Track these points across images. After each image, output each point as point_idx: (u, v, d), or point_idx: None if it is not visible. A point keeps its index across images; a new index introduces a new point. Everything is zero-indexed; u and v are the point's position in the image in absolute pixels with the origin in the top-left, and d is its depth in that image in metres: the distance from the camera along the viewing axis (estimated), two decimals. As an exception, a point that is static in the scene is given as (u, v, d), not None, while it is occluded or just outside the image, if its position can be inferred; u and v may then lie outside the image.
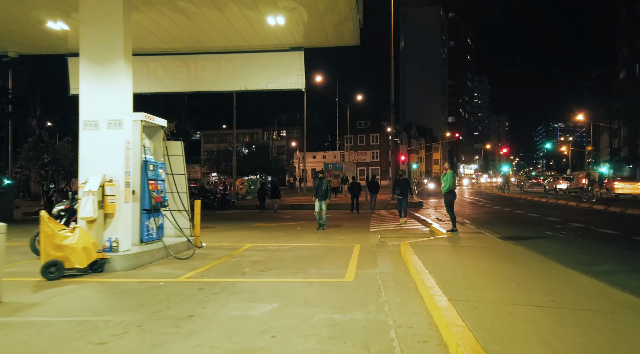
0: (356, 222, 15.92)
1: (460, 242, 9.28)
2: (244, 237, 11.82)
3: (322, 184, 13.14)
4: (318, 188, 13.16)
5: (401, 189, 14.41)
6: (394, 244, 9.97)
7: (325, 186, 13.14)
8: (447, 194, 11.78)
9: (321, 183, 13.18)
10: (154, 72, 11.61)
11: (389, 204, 23.94)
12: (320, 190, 13.10)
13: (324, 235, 12.09)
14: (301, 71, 11.43)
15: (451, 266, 6.75)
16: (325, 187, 13.12)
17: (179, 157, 9.69)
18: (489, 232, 11.36)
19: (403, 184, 14.58)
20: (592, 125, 69.06)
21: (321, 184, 13.17)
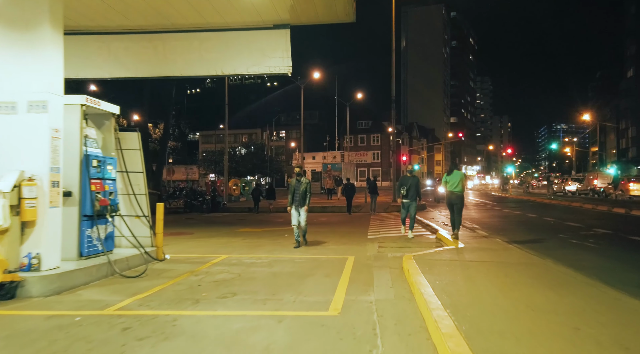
0: (353, 227, 14.26)
1: (476, 256, 7.60)
2: (222, 246, 10.16)
3: (300, 186, 9.62)
4: (294, 192, 9.62)
5: (408, 189, 10.98)
6: (395, 256, 8.31)
7: (305, 187, 9.60)
8: (461, 195, 10.22)
9: (298, 184, 9.65)
10: (116, 54, 9.97)
11: (390, 206, 22.28)
12: (297, 193, 9.59)
13: (312, 244, 10.42)
14: (287, 53, 9.79)
15: (472, 294, 5.08)
16: (304, 189, 9.60)
17: (136, 151, 8.05)
18: (505, 240, 9.68)
19: (411, 183, 11.01)
20: (599, 125, 67.40)
21: (298, 186, 9.65)
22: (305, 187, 9.57)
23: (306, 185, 9.60)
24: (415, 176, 11.30)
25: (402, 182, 11.15)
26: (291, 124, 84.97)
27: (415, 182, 11.05)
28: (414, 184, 11.07)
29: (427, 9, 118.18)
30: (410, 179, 11.13)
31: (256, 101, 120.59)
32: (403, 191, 10.99)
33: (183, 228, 14.89)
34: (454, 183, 10.08)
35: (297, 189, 9.62)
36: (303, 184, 9.60)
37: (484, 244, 8.95)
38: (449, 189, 9.98)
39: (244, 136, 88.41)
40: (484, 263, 6.88)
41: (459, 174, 10.58)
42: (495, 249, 8.33)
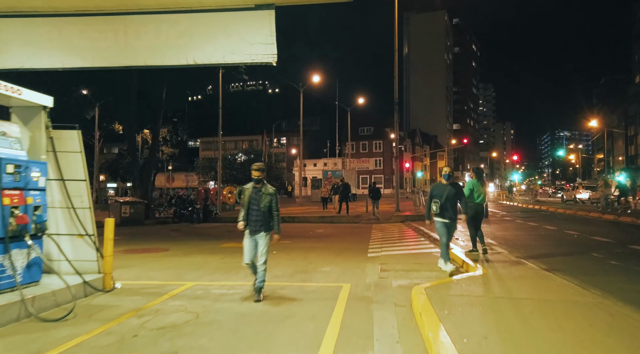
0: (352, 241, 12.60)
1: (508, 289, 5.94)
2: (193, 269, 8.51)
3: (260, 198, 5.97)
4: (249, 206, 6.00)
5: (444, 204, 7.29)
6: (401, 286, 6.66)
7: (268, 201, 5.97)
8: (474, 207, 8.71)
9: (257, 195, 6.01)
10: (69, 39, 8.38)
11: (393, 216, 20.66)
12: (256, 211, 5.96)
13: (302, 265, 8.77)
14: (271, 38, 8.19)
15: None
16: (267, 204, 5.95)
17: (76, 154, 6.44)
18: (535, 263, 8.01)
19: (448, 194, 7.34)
20: (606, 131, 65.72)
21: (257, 197, 5.99)
22: (269, 201, 5.94)
23: (270, 198, 5.96)
24: (456, 183, 7.67)
25: (434, 193, 7.51)
26: (292, 131, 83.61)
27: (453, 193, 7.40)
28: (451, 195, 7.33)
29: (429, 16, 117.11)
30: (447, 188, 7.40)
31: (257, 107, 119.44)
32: (436, 207, 7.30)
33: (160, 243, 13.26)
34: (481, 193, 8.59)
35: (254, 203, 5.94)
36: (265, 195, 5.93)
37: (511, 269, 7.27)
38: (476, 201, 8.53)
39: (244, 142, 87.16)
40: (521, 302, 5.19)
41: (472, 181, 9.05)
42: (527, 277, 6.65)
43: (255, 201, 5.99)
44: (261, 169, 6.06)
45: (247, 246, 6.07)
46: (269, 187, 6.11)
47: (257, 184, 6.07)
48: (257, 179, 6.04)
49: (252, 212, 5.98)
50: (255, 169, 6.06)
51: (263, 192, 6.03)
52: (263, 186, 6.07)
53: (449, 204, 7.38)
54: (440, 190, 7.52)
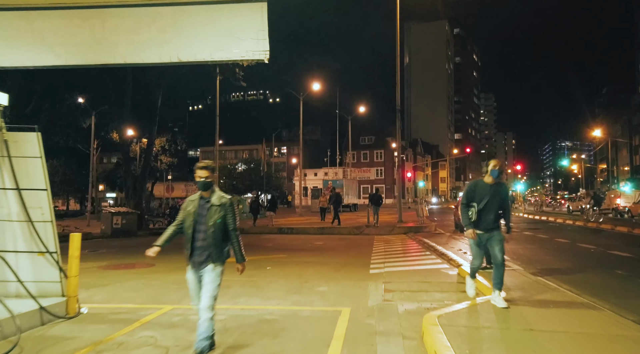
0: (353, 256, 11.74)
1: (535, 316, 5.07)
2: (175, 289, 7.66)
3: (207, 213, 4.13)
4: (195, 225, 4.16)
5: (484, 208, 5.57)
6: (409, 311, 5.80)
7: (220, 216, 4.12)
8: None
9: (203, 209, 4.17)
10: (42, 35, 7.62)
11: (396, 227, 19.79)
12: (199, 233, 4.16)
13: (297, 283, 7.92)
14: (263, 33, 7.40)
15: None
16: (217, 221, 4.10)
17: (35, 159, 5.64)
18: (556, 282, 7.14)
19: (492, 197, 5.57)
20: (610, 141, 64.98)
21: (202, 212, 4.16)
22: (221, 216, 4.11)
23: (224, 212, 4.12)
24: (502, 184, 5.84)
25: (471, 195, 5.66)
26: (293, 140, 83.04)
27: (499, 197, 5.59)
28: (496, 199, 5.54)
29: (430, 26, 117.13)
30: (491, 189, 5.56)
31: (258, 116, 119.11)
32: (472, 213, 5.55)
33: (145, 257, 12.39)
34: None
35: (200, 221, 4.14)
36: (215, 208, 4.11)
37: (532, 291, 6.40)
38: None
39: (244, 152, 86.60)
40: (556, 337, 4.31)
41: None
42: (553, 301, 5.79)
43: (202, 217, 4.08)
44: (209, 168, 4.17)
45: (191, 283, 4.32)
46: (221, 195, 4.17)
47: (204, 191, 4.14)
48: (204, 183, 4.09)
49: (198, 236, 4.10)
50: (201, 168, 4.12)
51: (212, 203, 4.10)
52: (212, 194, 4.16)
53: (490, 211, 5.50)
54: (481, 191, 5.57)
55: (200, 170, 4.17)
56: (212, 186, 4.20)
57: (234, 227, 4.21)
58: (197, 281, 4.28)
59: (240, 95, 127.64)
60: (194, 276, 4.30)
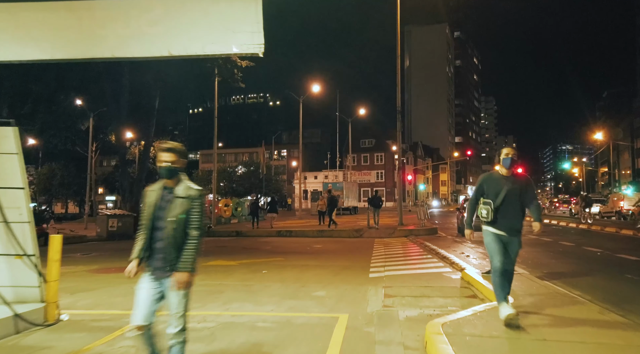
0: (352, 259, 11.38)
1: (547, 324, 4.72)
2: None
3: (170, 208, 3.21)
4: (151, 225, 3.24)
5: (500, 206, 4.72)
6: (411, 318, 5.45)
7: (183, 211, 3.17)
8: None
9: (165, 202, 3.24)
10: (27, 28, 7.30)
11: (396, 230, 19.44)
12: (158, 232, 3.22)
13: (294, 288, 7.56)
14: (258, 26, 7.06)
15: None
16: (180, 217, 3.17)
17: (11, 156, 5.30)
18: (565, 287, 6.77)
19: (509, 193, 4.70)
20: (612, 144, 64.68)
21: (165, 206, 3.23)
22: (185, 210, 3.18)
23: (189, 205, 3.20)
24: (524, 176, 4.97)
25: (484, 188, 4.85)
26: (293, 143, 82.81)
27: (518, 190, 4.72)
28: (515, 193, 4.68)
29: (430, 29, 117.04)
30: (507, 181, 4.72)
31: (258, 119, 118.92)
32: (487, 211, 4.69)
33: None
34: None
35: (159, 215, 3.22)
36: (180, 201, 3.21)
37: (541, 296, 6.04)
38: None
39: (244, 154, 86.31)
40: (573, 347, 3.96)
41: None
42: (564, 307, 5.43)
43: (162, 211, 3.18)
44: (176, 151, 3.24)
45: (142, 293, 3.22)
46: (189, 186, 3.25)
47: (168, 179, 3.25)
48: (168, 169, 3.20)
49: (156, 234, 3.19)
50: (165, 150, 3.22)
51: (176, 195, 3.19)
52: (178, 184, 3.25)
53: (510, 208, 4.64)
54: (495, 184, 4.74)
55: (164, 153, 3.22)
56: (178, 174, 3.27)
57: (197, 226, 3.18)
58: (153, 294, 3.20)
59: (240, 98, 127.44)
60: (150, 285, 3.21)
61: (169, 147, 3.26)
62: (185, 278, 3.13)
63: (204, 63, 23.70)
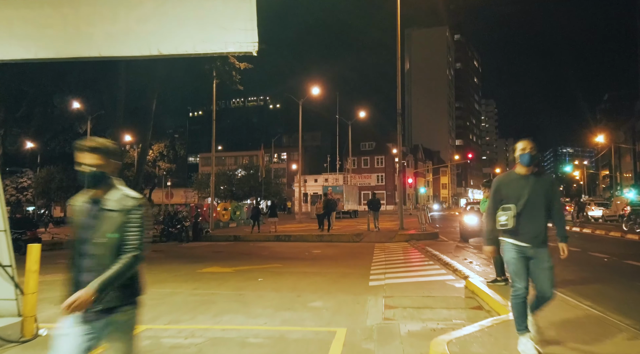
0: (351, 266, 11.01)
1: (561, 340, 4.37)
2: (154, 304, 6.94)
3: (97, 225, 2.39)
4: (75, 246, 2.44)
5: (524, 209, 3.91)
6: (414, 333, 5.09)
7: (115, 229, 2.38)
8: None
9: (91, 219, 2.42)
10: (9, 26, 6.99)
11: (397, 235, 19.06)
12: (85, 256, 2.40)
13: (290, 298, 7.20)
14: (251, 23, 6.76)
15: None
16: (112, 236, 2.38)
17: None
18: (573, 297, 6.41)
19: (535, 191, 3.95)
20: (613, 147, 64.35)
21: (91, 224, 2.41)
22: (118, 227, 2.39)
23: (124, 220, 2.39)
24: (547, 175, 4.29)
25: (502, 192, 4.06)
26: (293, 146, 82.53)
27: (543, 192, 3.96)
28: (539, 196, 3.92)
29: (430, 32, 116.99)
30: (528, 182, 3.96)
31: (258, 122, 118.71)
32: (507, 218, 3.91)
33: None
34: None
35: (85, 234, 2.42)
36: (112, 216, 2.40)
37: (552, 308, 5.66)
38: None
39: (244, 158, 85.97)
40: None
41: None
42: (575, 320, 5.08)
43: (88, 231, 2.41)
44: (101, 151, 2.45)
45: (63, 347, 2.37)
46: (124, 195, 2.47)
47: (95, 188, 2.46)
48: (93, 175, 2.41)
49: (82, 263, 2.42)
50: (87, 150, 2.42)
51: (105, 207, 2.42)
52: (109, 192, 2.47)
53: (535, 213, 3.84)
54: (515, 186, 3.96)
55: (85, 154, 2.40)
56: (108, 181, 2.45)
57: (135, 246, 2.37)
58: (80, 343, 2.35)
59: (240, 101, 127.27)
60: (77, 331, 2.36)
61: (92, 147, 2.41)
62: (127, 318, 2.44)
63: (202, 65, 23.45)
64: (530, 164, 3.96)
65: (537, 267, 3.88)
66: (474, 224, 15.21)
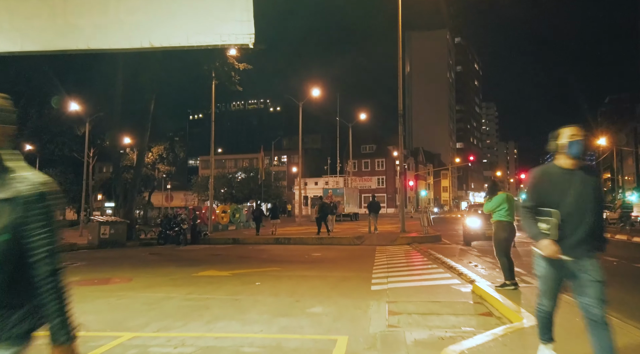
0: (352, 269, 10.66)
1: (577, 349, 4.02)
2: (145, 310, 6.59)
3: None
4: None
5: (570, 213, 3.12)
6: (420, 342, 4.72)
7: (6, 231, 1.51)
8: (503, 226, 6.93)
9: None
10: (-6, 17, 6.68)
11: (399, 237, 18.70)
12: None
13: (288, 303, 6.84)
14: (247, 14, 6.48)
15: None
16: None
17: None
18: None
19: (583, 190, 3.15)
20: (615, 150, 63.99)
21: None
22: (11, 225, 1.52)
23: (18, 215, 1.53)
24: (592, 168, 3.60)
25: (542, 191, 3.23)
26: (293, 149, 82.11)
27: (591, 191, 3.17)
28: (589, 194, 3.13)
29: (431, 34, 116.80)
30: (574, 177, 3.15)
31: (259, 125, 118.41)
32: (550, 226, 3.12)
33: (127, 270, 11.34)
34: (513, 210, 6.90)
35: None
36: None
37: (568, 316, 5.31)
38: (507, 218, 6.81)
39: (244, 160, 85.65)
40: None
41: (501, 196, 7.29)
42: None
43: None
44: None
45: None
46: (20, 177, 1.60)
47: None
48: None
49: None
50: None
51: None
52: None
53: (585, 217, 3.12)
54: (557, 183, 3.19)
55: None
56: None
57: (47, 252, 1.59)
58: None
59: (240, 104, 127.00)
60: None
61: None
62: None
63: (201, 66, 23.15)
64: (578, 157, 3.15)
65: (582, 282, 3.18)
66: (477, 227, 14.93)
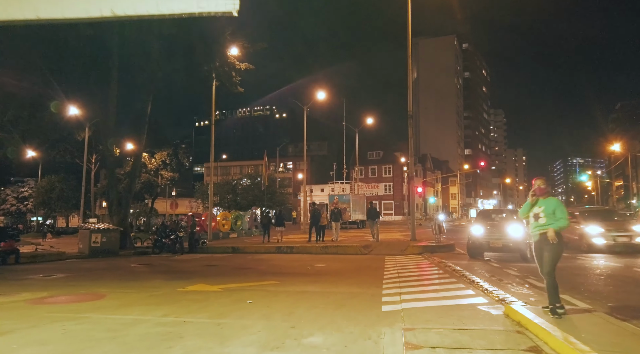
0: (360, 281, 9.36)
1: None
2: (105, 339, 5.34)
3: None
4: None
5: None
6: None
7: None
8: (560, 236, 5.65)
9: None
10: None
11: (409, 246, 17.40)
12: None
13: (282, 330, 5.56)
14: (232, -24, 5.18)
15: None
16: None
17: None
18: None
19: None
20: (630, 156, 62.38)
21: None
22: None
23: None
24: None
25: None
26: (299, 155, 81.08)
27: None
28: None
29: (438, 41, 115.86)
30: None
31: (264, 132, 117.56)
32: None
33: (105, 284, 10.12)
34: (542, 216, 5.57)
35: None
36: None
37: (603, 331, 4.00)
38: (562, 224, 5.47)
39: (249, 167, 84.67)
40: None
41: (550, 201, 5.98)
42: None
43: None
44: None
45: None
46: None
47: None
48: None
49: None
50: None
51: None
52: None
53: None
54: None
55: None
56: None
57: None
58: None
59: (246, 111, 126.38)
60: None
61: None
62: None
63: (200, 66, 22.18)
64: None
65: None
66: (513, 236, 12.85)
